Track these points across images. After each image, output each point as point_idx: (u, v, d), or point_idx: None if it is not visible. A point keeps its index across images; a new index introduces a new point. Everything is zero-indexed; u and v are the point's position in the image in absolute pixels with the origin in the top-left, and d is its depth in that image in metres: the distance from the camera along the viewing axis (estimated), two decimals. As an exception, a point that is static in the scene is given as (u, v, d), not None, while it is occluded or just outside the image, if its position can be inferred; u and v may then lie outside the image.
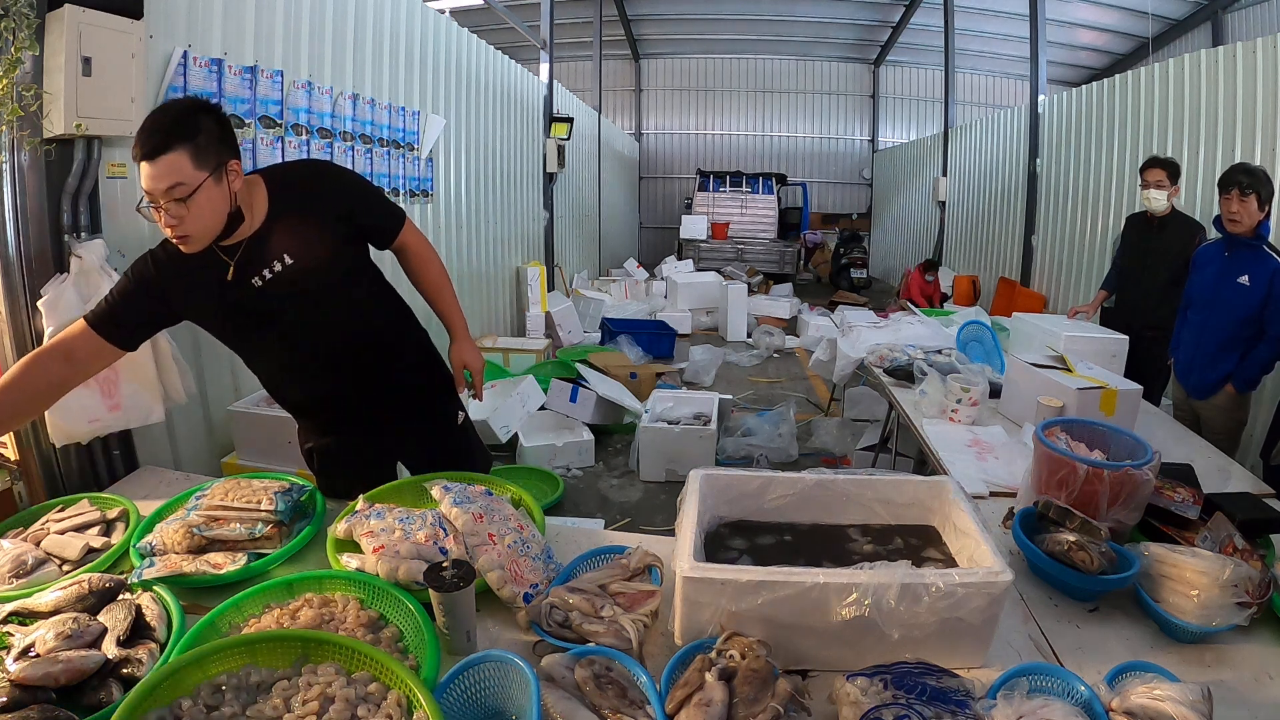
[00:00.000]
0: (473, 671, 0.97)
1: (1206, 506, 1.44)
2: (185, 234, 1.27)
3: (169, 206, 1.23)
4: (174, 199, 1.22)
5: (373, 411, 1.63)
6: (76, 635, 1.03)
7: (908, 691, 0.94)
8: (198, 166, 1.23)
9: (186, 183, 1.22)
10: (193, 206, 1.24)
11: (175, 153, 1.21)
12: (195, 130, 1.23)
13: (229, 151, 1.29)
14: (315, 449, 1.69)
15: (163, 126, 1.22)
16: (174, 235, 1.27)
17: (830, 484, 1.35)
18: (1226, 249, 2.67)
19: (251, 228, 1.38)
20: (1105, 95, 5.62)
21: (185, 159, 1.22)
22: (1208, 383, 2.70)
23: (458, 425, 1.77)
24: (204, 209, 1.26)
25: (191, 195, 1.23)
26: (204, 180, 1.24)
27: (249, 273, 1.39)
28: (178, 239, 1.28)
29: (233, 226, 1.34)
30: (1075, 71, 11.77)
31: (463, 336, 1.70)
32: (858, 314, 4.50)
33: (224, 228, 1.32)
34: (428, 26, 3.93)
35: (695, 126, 14.53)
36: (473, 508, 1.34)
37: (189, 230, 1.26)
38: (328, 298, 1.47)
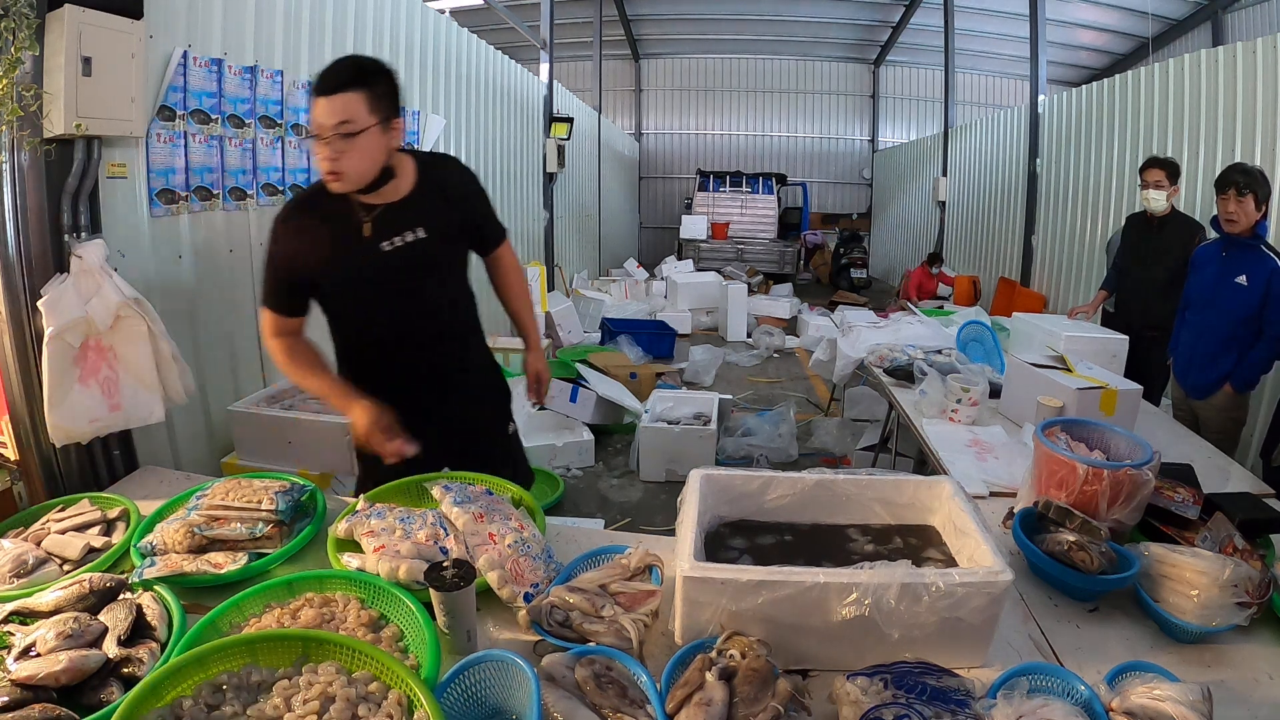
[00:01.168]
0: (473, 671, 0.97)
1: (1206, 506, 1.44)
2: (340, 170, 1.36)
3: (334, 142, 1.33)
4: (341, 134, 1.32)
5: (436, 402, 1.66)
6: (77, 635, 1.04)
7: (908, 691, 0.94)
8: (370, 111, 1.35)
9: (356, 122, 1.33)
10: (355, 146, 1.34)
11: (352, 93, 1.33)
12: (374, 80, 1.36)
13: (395, 111, 1.41)
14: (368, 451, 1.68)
15: (346, 68, 1.35)
16: (330, 170, 1.36)
17: (830, 484, 1.35)
18: (1224, 249, 2.67)
19: (395, 195, 1.48)
20: (1105, 95, 5.62)
21: (360, 101, 1.33)
22: (1206, 383, 2.70)
23: (508, 434, 1.84)
24: (364, 152, 1.36)
25: (357, 135, 1.33)
26: (372, 126, 1.35)
27: (382, 235, 1.47)
28: (331, 175, 1.37)
29: (379, 184, 1.44)
30: (1075, 71, 11.77)
31: (537, 347, 1.84)
32: (858, 314, 4.51)
33: (371, 183, 1.42)
34: (428, 26, 3.93)
35: (695, 126, 14.53)
36: (473, 507, 1.34)
37: (344, 168, 1.36)
38: (438, 278, 1.57)
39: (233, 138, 2.42)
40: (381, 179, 1.44)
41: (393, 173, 1.45)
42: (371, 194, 1.45)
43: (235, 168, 2.45)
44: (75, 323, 1.62)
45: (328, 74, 1.34)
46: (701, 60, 14.12)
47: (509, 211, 5.71)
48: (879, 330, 3.72)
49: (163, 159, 2.13)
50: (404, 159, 1.50)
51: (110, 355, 1.71)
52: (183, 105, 2.18)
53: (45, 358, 1.58)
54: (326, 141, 1.34)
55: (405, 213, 1.49)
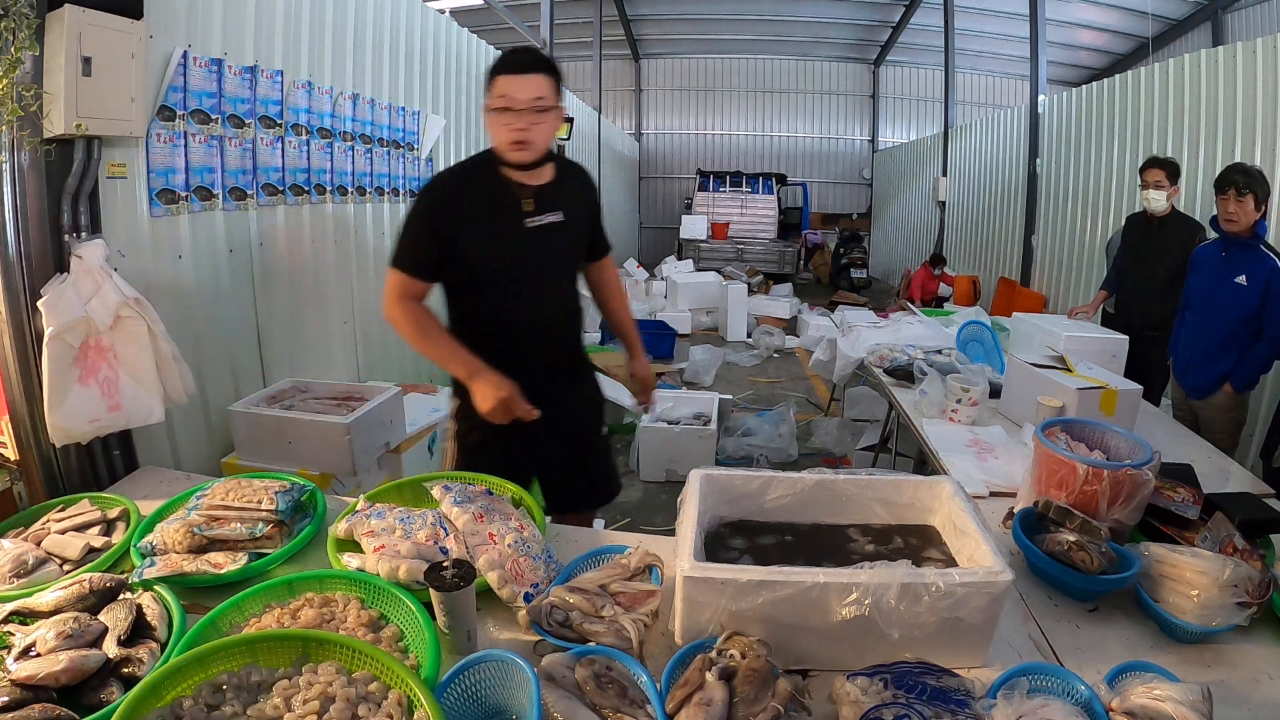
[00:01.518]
0: (473, 671, 0.97)
1: (1206, 506, 1.44)
2: (529, 140, 1.52)
3: (526, 114, 1.50)
4: (535, 109, 1.50)
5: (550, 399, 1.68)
6: (77, 635, 1.04)
7: (908, 691, 0.95)
8: (555, 93, 1.54)
9: (547, 100, 1.51)
10: (542, 122, 1.52)
11: (545, 75, 1.51)
12: (556, 69, 1.55)
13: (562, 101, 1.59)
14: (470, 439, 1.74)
15: (537, 54, 1.54)
16: (519, 139, 1.52)
17: (830, 484, 1.35)
18: (1223, 249, 2.67)
19: (544, 178, 1.63)
20: (1105, 95, 5.62)
21: (550, 83, 1.53)
22: (1206, 383, 2.70)
23: (601, 435, 1.96)
24: (547, 128, 1.54)
25: (546, 111, 1.52)
26: (555, 106, 1.54)
27: (535, 212, 1.61)
28: (520, 144, 1.52)
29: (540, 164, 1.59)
30: (1075, 71, 11.78)
31: (642, 354, 1.96)
32: (858, 314, 4.51)
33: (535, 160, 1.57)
34: (428, 26, 3.93)
35: (695, 126, 14.53)
36: (473, 507, 1.34)
37: (533, 138, 1.52)
38: (565, 267, 1.73)
39: (233, 138, 2.42)
40: (544, 158, 1.60)
41: (553, 154, 1.63)
42: (527, 173, 1.59)
43: (235, 168, 2.45)
44: (75, 323, 1.61)
45: (522, 55, 1.52)
46: (701, 60, 14.12)
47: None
48: (879, 330, 3.72)
49: (163, 159, 2.13)
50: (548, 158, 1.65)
51: (110, 355, 1.71)
52: (183, 105, 2.18)
53: (45, 358, 1.58)
54: (519, 113, 1.49)
55: (550, 196, 1.63)
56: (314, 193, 2.90)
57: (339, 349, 3.15)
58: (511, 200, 1.59)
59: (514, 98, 1.49)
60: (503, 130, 1.52)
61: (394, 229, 3.62)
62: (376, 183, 3.40)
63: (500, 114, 1.51)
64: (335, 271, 3.09)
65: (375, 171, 3.39)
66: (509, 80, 1.50)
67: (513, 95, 1.50)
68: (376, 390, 2.45)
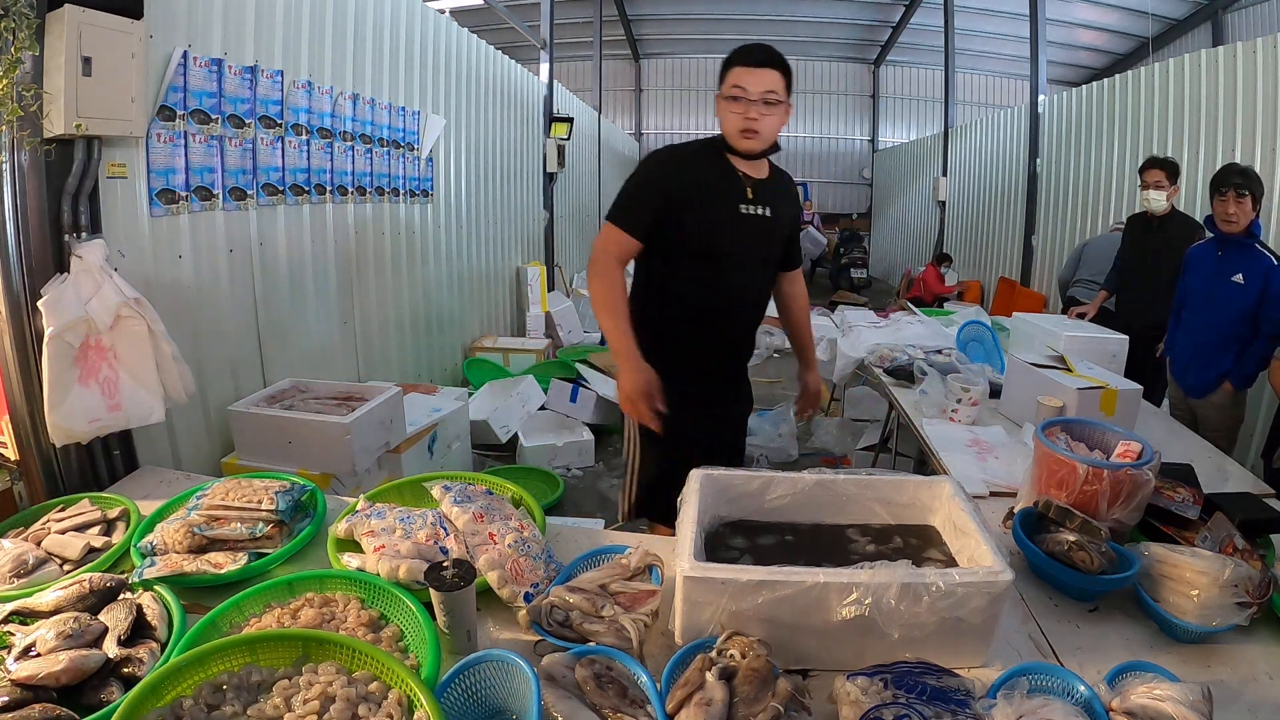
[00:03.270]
0: (473, 671, 0.97)
1: (1206, 506, 1.44)
2: (758, 130, 1.61)
3: (758, 107, 1.59)
4: (766, 101, 1.58)
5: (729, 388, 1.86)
6: (77, 635, 1.04)
7: (908, 691, 0.94)
8: (786, 90, 1.62)
9: (778, 94, 1.60)
10: (771, 114, 1.60)
11: (777, 71, 1.60)
12: (788, 68, 1.63)
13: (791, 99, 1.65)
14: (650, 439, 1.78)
15: (771, 51, 1.62)
16: (749, 129, 1.61)
17: (830, 484, 1.35)
18: (1219, 249, 2.68)
19: (761, 173, 1.72)
20: (1105, 95, 5.62)
21: (781, 80, 1.61)
22: (1205, 381, 2.70)
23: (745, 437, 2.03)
24: (775, 120, 1.63)
25: (777, 105, 1.60)
26: (784, 100, 1.62)
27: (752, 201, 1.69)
28: (749, 133, 1.61)
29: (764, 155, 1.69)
30: (1075, 71, 11.77)
31: (815, 367, 2.06)
32: (858, 314, 4.51)
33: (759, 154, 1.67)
34: (428, 26, 3.93)
35: (695, 126, 14.52)
36: (473, 507, 1.34)
37: (761, 128, 1.61)
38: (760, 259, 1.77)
39: (233, 138, 2.42)
40: (769, 150, 1.69)
41: (777, 148, 1.70)
42: (749, 164, 1.68)
43: (235, 168, 2.45)
44: (75, 323, 1.61)
45: (757, 51, 1.60)
46: (701, 60, 14.12)
47: (509, 212, 5.71)
48: (879, 330, 3.72)
49: (163, 159, 2.13)
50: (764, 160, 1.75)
51: (110, 355, 1.71)
52: (183, 105, 2.18)
53: (45, 358, 1.58)
54: (751, 104, 1.58)
55: (765, 191, 1.71)
56: (314, 193, 2.90)
57: (339, 349, 3.15)
58: (736, 185, 1.68)
59: (746, 89, 1.58)
60: (734, 118, 1.61)
61: (394, 228, 3.63)
62: (376, 183, 3.40)
63: (732, 103, 1.60)
64: (335, 271, 3.09)
65: (375, 171, 3.39)
66: (743, 72, 1.59)
67: (745, 86, 1.58)
68: (376, 390, 2.46)
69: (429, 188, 4.02)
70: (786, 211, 1.79)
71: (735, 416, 1.94)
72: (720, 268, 1.70)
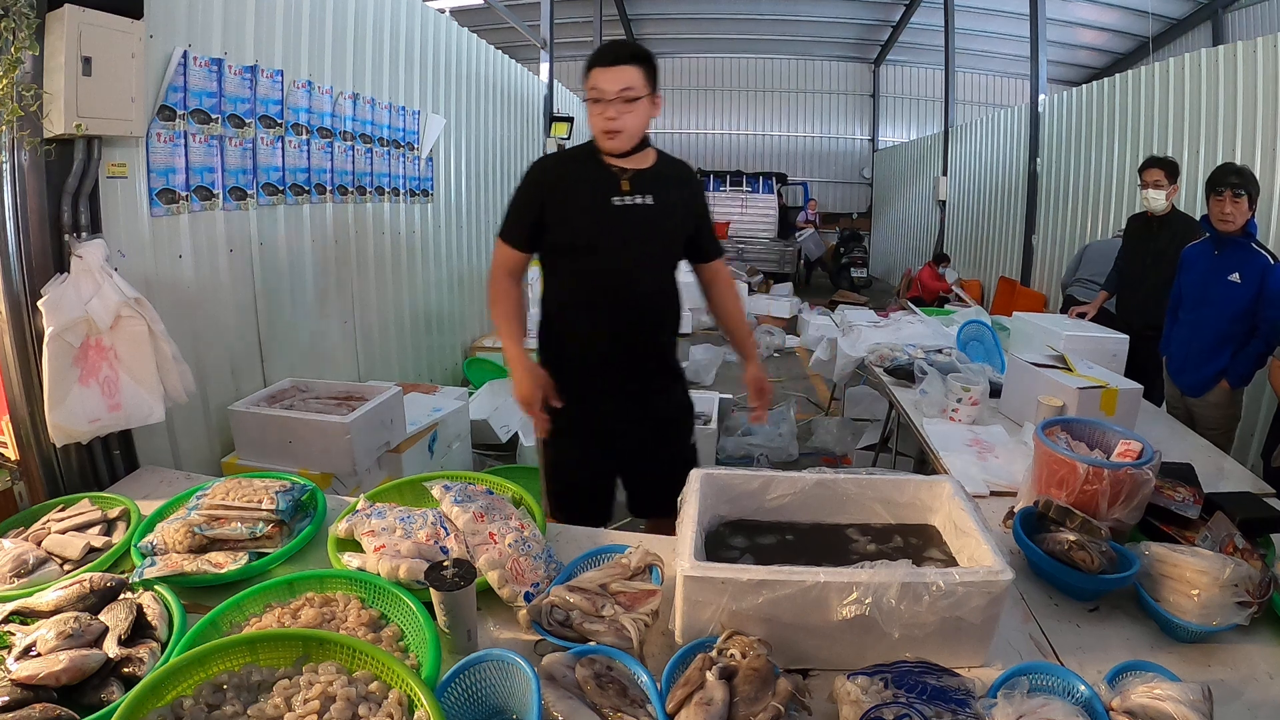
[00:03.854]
0: (473, 670, 0.97)
1: (1207, 506, 1.44)
2: (620, 128, 1.60)
3: (616, 104, 1.58)
4: (623, 99, 1.58)
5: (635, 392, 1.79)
6: (78, 634, 1.04)
7: (908, 690, 0.94)
8: (645, 82, 1.60)
9: (635, 89, 1.58)
10: (631, 110, 1.59)
11: (633, 66, 1.58)
12: (647, 59, 1.62)
13: (656, 89, 1.65)
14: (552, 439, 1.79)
15: (626, 46, 1.62)
16: (610, 129, 1.60)
17: (830, 483, 1.35)
18: (1216, 248, 2.68)
19: (641, 164, 1.70)
20: (1105, 95, 5.62)
21: (639, 73, 1.59)
22: (1202, 380, 2.71)
23: (690, 445, 1.97)
24: (637, 116, 1.61)
25: (635, 100, 1.59)
26: (645, 95, 1.61)
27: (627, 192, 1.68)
28: (611, 132, 1.61)
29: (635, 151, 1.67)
30: (1075, 71, 11.77)
31: (756, 360, 1.95)
32: (858, 313, 4.50)
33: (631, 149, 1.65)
34: (428, 26, 3.93)
35: (695, 126, 14.51)
36: (473, 506, 1.34)
37: (623, 126, 1.60)
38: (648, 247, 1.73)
39: (233, 138, 2.42)
40: (640, 145, 1.67)
41: (648, 141, 1.70)
42: (625, 159, 1.67)
43: (235, 168, 2.45)
44: (75, 323, 1.61)
45: (612, 49, 1.60)
46: (701, 60, 14.11)
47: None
48: (879, 330, 3.72)
49: (163, 159, 2.13)
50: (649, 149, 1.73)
51: (110, 355, 1.71)
52: (183, 105, 2.18)
53: (45, 358, 1.58)
54: (609, 103, 1.58)
55: (645, 181, 1.70)
56: (314, 192, 2.90)
57: (339, 349, 3.15)
58: (608, 178, 1.68)
59: (603, 89, 1.58)
60: (596, 120, 1.62)
61: (394, 228, 3.63)
62: (377, 182, 3.40)
63: (593, 105, 1.61)
64: (335, 271, 3.09)
65: (375, 171, 3.39)
66: (599, 73, 1.59)
67: (602, 87, 1.58)
68: (376, 390, 2.46)
69: (429, 188, 4.02)
70: (679, 198, 1.75)
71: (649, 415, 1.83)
72: (596, 262, 1.69)
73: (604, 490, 1.87)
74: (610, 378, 1.75)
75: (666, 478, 1.85)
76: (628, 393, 1.77)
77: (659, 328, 1.81)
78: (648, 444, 1.84)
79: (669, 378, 1.88)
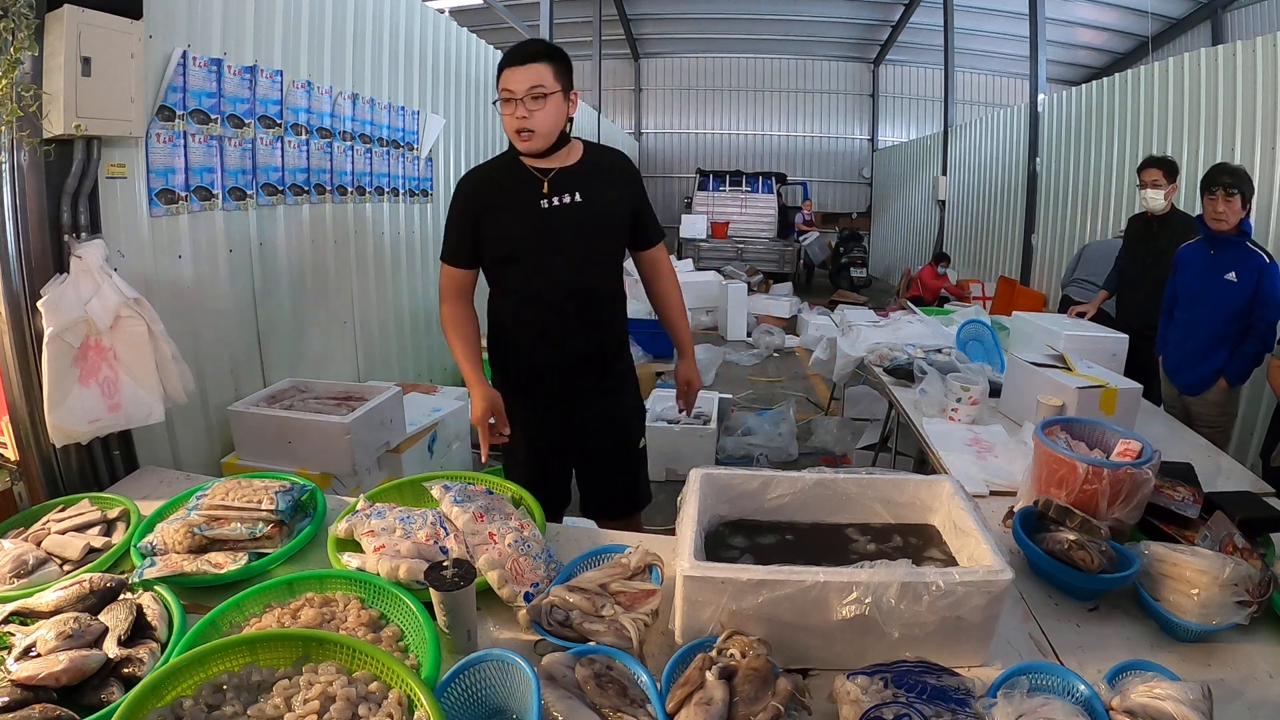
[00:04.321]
0: (473, 670, 0.97)
1: (1206, 505, 1.44)
2: (531, 128, 1.57)
3: (526, 103, 1.55)
4: (533, 96, 1.55)
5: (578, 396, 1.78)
6: (78, 635, 1.04)
7: (908, 690, 0.94)
8: (555, 79, 1.58)
9: (545, 86, 1.55)
10: (543, 108, 1.56)
11: (542, 64, 1.56)
12: (558, 56, 1.60)
13: (572, 85, 1.64)
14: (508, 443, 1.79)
15: (536, 44, 1.58)
16: (521, 129, 1.57)
17: (830, 483, 1.35)
18: (1211, 248, 2.69)
19: (565, 162, 1.68)
20: (1105, 94, 5.62)
21: (549, 70, 1.56)
22: (1199, 379, 2.72)
23: (638, 448, 1.93)
24: (550, 114, 1.58)
25: (546, 98, 1.56)
26: (557, 91, 1.58)
27: (550, 194, 1.66)
28: (521, 131, 1.58)
29: (554, 149, 1.64)
30: (1075, 70, 11.77)
31: (690, 356, 1.95)
32: (858, 313, 4.50)
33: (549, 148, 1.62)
34: (427, 26, 3.93)
35: (695, 126, 14.53)
36: (473, 506, 1.34)
37: (535, 125, 1.57)
38: (582, 244, 1.70)
39: (232, 138, 2.42)
40: (558, 144, 1.64)
41: (567, 139, 1.66)
42: (545, 159, 1.65)
43: (235, 168, 2.45)
44: (75, 323, 1.61)
45: (519, 48, 1.57)
46: (701, 60, 14.12)
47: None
48: (879, 329, 3.72)
49: (162, 159, 2.13)
50: (575, 145, 1.72)
51: (110, 355, 1.71)
52: (182, 105, 2.18)
53: (45, 358, 1.58)
54: (519, 102, 1.55)
55: (570, 179, 1.67)
56: (314, 193, 2.90)
57: (339, 349, 3.15)
58: (530, 182, 1.66)
59: (513, 89, 1.56)
60: (508, 120, 1.59)
61: (394, 228, 3.63)
62: (376, 183, 3.40)
63: (504, 105, 1.58)
64: (335, 271, 3.09)
65: (375, 171, 3.38)
66: (509, 73, 1.57)
67: (511, 87, 1.56)
68: (376, 390, 2.45)
69: (429, 188, 4.02)
70: (611, 190, 1.72)
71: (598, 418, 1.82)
72: (530, 268, 1.68)
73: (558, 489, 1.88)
74: (556, 381, 1.75)
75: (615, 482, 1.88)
76: (577, 394, 1.77)
77: (601, 326, 1.78)
78: (598, 448, 1.85)
79: (618, 375, 1.86)
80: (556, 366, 1.74)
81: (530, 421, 1.77)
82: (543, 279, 1.68)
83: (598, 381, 1.80)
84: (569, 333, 1.72)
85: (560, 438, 1.81)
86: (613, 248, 1.78)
